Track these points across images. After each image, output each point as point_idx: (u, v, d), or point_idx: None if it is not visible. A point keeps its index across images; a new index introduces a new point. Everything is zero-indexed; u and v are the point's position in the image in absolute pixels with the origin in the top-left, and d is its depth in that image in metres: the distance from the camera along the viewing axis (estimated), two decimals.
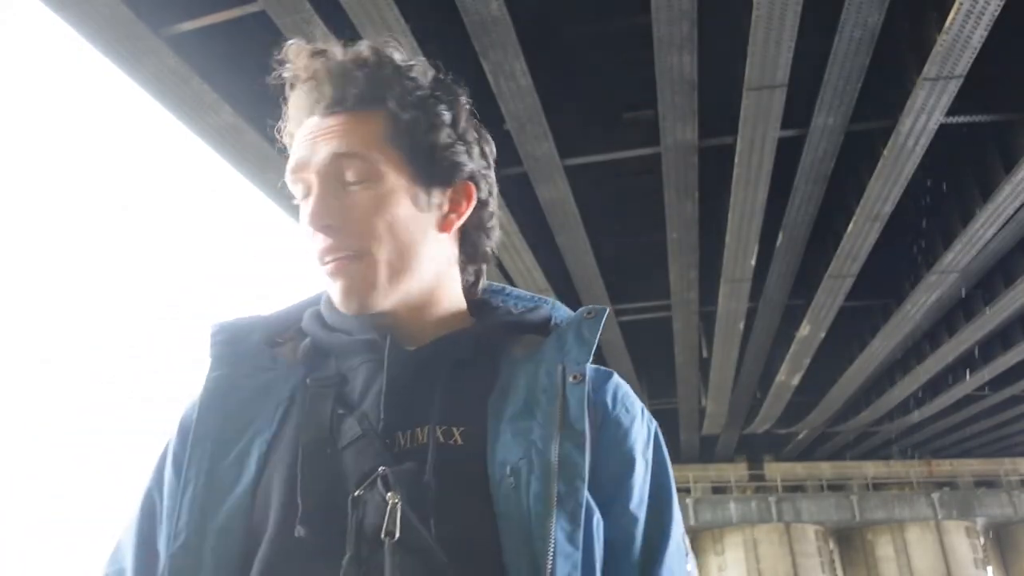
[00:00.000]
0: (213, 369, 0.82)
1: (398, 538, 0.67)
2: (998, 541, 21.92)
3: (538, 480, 0.71)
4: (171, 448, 0.81)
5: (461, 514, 0.71)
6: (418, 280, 0.82)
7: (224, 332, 0.84)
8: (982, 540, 20.91)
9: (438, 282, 0.85)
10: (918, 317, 9.82)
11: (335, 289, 0.80)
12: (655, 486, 0.80)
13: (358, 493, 0.70)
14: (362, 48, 0.82)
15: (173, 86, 5.75)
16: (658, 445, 0.83)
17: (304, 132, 0.81)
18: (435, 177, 0.83)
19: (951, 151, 6.88)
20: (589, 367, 0.80)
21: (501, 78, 5.52)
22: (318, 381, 0.81)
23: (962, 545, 20.05)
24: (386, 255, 0.79)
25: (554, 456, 0.72)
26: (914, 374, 12.62)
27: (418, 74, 0.83)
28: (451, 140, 0.84)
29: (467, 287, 0.91)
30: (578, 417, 0.74)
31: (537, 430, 0.74)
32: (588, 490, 0.72)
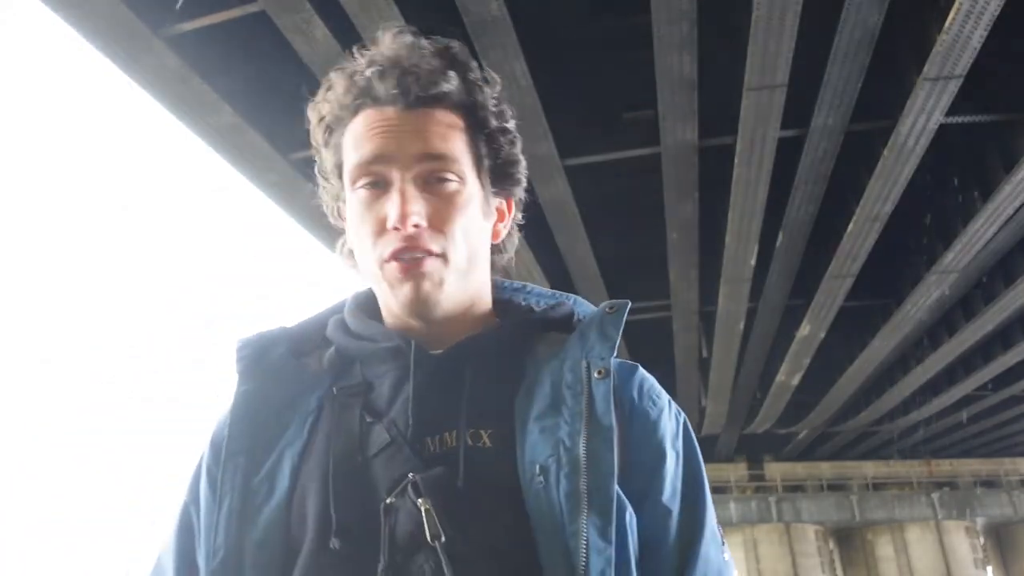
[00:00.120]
0: (241, 384, 0.82)
1: (437, 543, 0.67)
2: (998, 541, 21.92)
3: (567, 478, 0.71)
4: (204, 464, 0.82)
5: (494, 516, 0.71)
6: (474, 287, 0.83)
7: (249, 347, 0.84)
8: (982, 540, 20.91)
9: (483, 289, 0.86)
10: (918, 317, 9.80)
11: (403, 289, 0.78)
12: (688, 476, 0.79)
13: (390, 501, 0.71)
14: (453, 46, 0.82)
15: (173, 86, 5.74)
16: (688, 436, 0.82)
17: (380, 122, 0.79)
18: (502, 188, 0.85)
19: (951, 151, 6.88)
20: (614, 361, 0.79)
21: (501, 78, 5.49)
22: (345, 390, 0.81)
23: (962, 545, 20.04)
24: (459, 260, 0.79)
25: (582, 453, 0.72)
26: (914, 374, 12.60)
27: (494, 82, 0.84)
28: (520, 156, 0.86)
29: None
30: (605, 412, 0.74)
31: (564, 428, 0.74)
32: (619, 485, 0.72)
